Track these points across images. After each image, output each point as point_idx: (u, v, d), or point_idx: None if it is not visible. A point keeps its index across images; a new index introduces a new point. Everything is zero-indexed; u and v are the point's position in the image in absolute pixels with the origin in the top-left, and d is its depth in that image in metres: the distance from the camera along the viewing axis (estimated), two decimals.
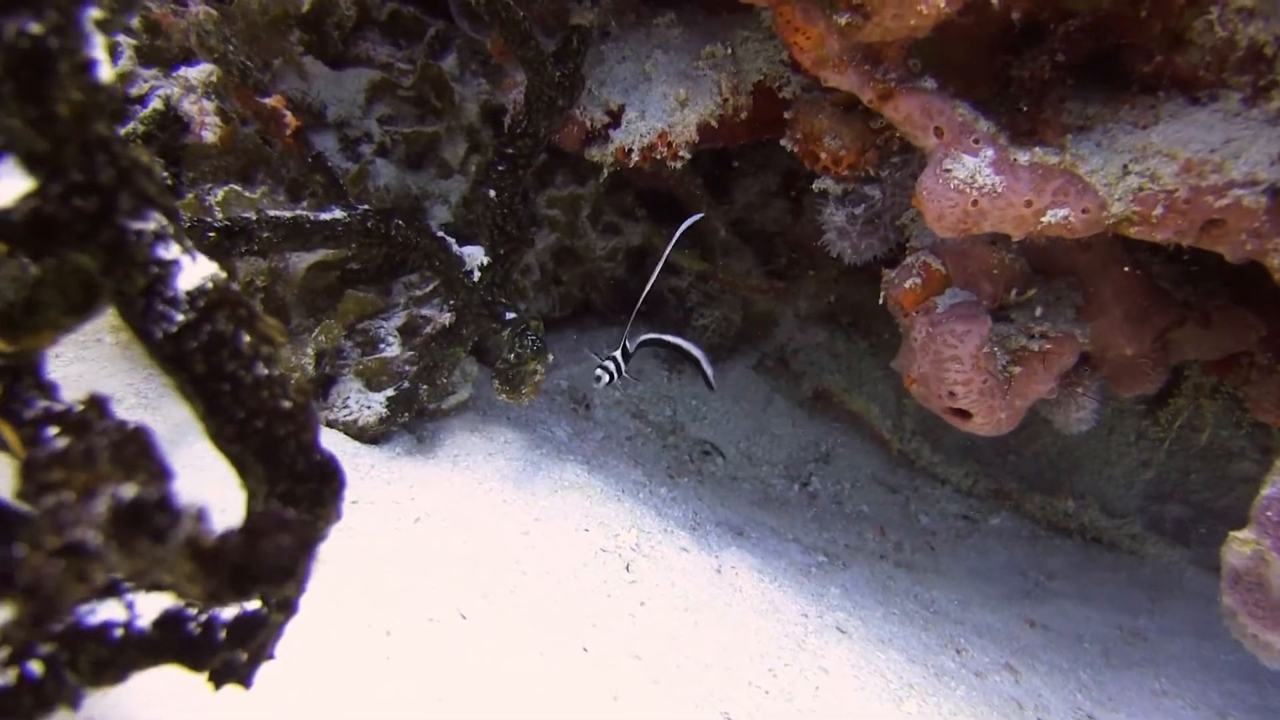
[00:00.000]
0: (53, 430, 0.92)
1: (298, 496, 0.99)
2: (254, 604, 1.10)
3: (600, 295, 3.21)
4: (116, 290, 0.92)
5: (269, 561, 0.79)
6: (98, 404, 0.89)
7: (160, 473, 0.80)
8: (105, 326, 2.10)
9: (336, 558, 1.80)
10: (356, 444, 2.14)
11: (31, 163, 0.88)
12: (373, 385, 2.19)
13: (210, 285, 0.93)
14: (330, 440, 2.08)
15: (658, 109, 2.20)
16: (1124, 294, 2.07)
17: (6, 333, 1.02)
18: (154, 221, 0.92)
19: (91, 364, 2.06)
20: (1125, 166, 1.72)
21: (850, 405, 3.16)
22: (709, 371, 2.29)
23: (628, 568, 2.00)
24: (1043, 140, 1.87)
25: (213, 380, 0.94)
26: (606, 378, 2.13)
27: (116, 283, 0.91)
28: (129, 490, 0.70)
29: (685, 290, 3.23)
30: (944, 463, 3.08)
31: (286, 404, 0.96)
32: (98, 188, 0.89)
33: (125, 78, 2.06)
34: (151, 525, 0.71)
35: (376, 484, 2.04)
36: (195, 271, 0.93)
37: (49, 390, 1.06)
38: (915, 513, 3.00)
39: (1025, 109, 1.92)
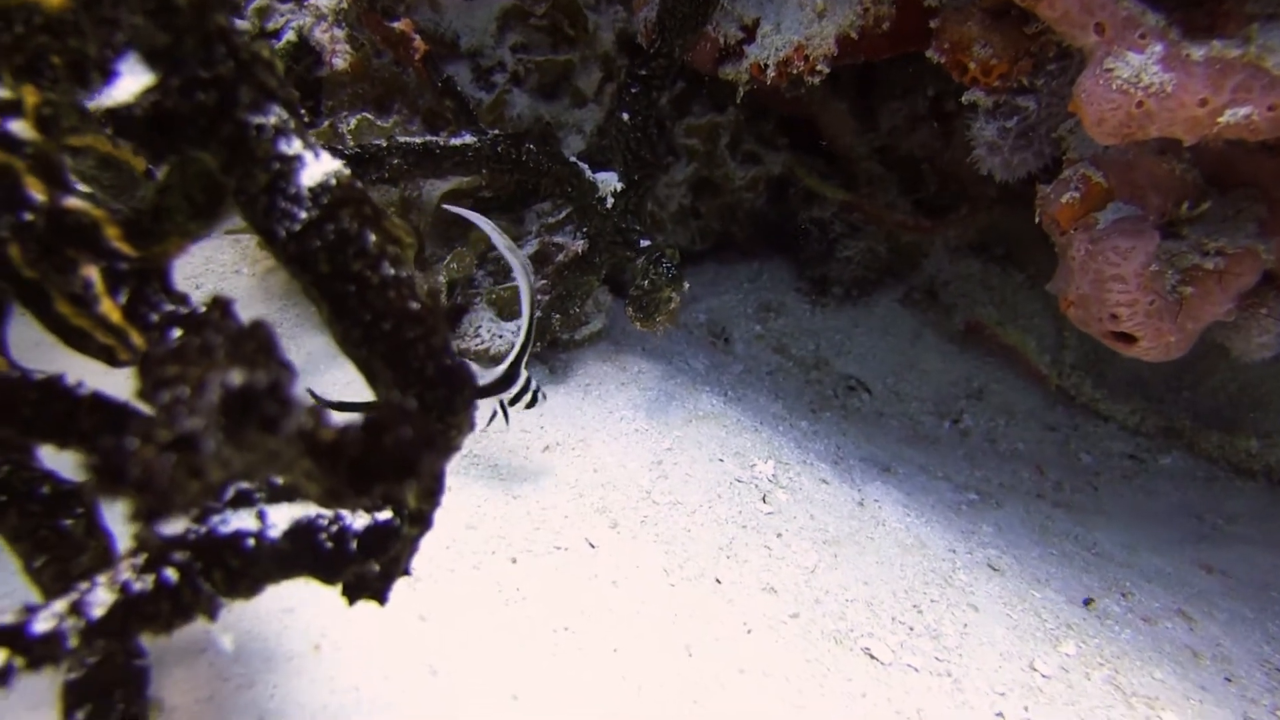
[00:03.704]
0: (176, 332, 0.92)
1: (428, 404, 0.95)
2: (386, 514, 1.08)
3: (740, 228, 3.12)
4: (238, 189, 0.89)
5: (390, 456, 0.75)
6: (221, 304, 0.88)
7: (280, 366, 0.77)
8: (245, 259, 2.15)
9: (460, 483, 1.80)
10: None
11: (152, 57, 0.86)
12: (504, 314, 2.17)
13: (334, 182, 0.90)
14: None
15: (794, 21, 2.08)
16: None
17: (137, 240, 1.02)
18: (275, 116, 0.89)
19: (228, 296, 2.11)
20: None
21: (1004, 339, 2.99)
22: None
23: (764, 499, 1.94)
24: (1223, 34, 1.68)
25: (338, 280, 0.90)
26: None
27: (238, 180, 0.89)
28: (236, 377, 0.67)
29: (828, 221, 3.10)
30: (1108, 399, 2.87)
31: (415, 305, 0.92)
32: (217, 81, 0.86)
33: (262, 12, 2.08)
34: (261, 414, 0.68)
35: None
36: (318, 168, 0.90)
37: (179, 298, 1.06)
38: (1076, 451, 2.82)
39: (1202, 2, 1.73)
